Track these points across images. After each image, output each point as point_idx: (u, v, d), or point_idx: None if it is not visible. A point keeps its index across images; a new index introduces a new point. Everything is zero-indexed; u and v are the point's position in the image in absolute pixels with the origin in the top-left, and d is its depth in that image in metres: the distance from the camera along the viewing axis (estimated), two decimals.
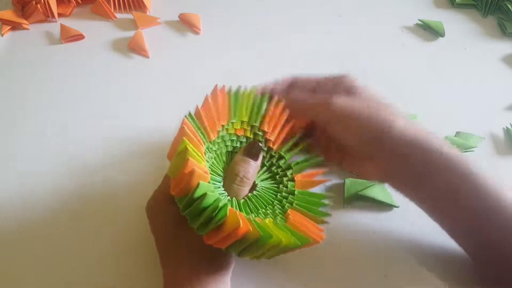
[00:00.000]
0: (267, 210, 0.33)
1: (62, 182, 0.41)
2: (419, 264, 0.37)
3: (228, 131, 0.34)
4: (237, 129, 0.35)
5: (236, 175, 0.32)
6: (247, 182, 0.33)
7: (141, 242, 0.37)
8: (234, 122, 0.34)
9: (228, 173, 0.33)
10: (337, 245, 0.38)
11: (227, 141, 0.34)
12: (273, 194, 0.35)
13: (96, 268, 0.36)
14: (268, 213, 0.32)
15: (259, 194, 0.34)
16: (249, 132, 0.35)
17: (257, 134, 0.35)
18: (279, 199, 0.34)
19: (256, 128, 0.35)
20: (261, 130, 0.35)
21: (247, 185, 0.33)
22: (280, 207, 0.34)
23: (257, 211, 0.33)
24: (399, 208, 0.40)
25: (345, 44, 0.55)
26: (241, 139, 0.35)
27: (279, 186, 0.35)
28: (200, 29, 0.55)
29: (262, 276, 0.36)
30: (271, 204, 0.34)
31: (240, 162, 0.33)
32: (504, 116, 0.48)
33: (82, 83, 0.49)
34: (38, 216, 0.39)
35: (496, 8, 0.60)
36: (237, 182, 0.32)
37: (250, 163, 0.33)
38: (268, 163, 0.36)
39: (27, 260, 0.36)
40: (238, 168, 0.33)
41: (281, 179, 0.36)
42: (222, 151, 0.34)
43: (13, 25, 0.55)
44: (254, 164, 0.33)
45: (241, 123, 0.35)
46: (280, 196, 0.35)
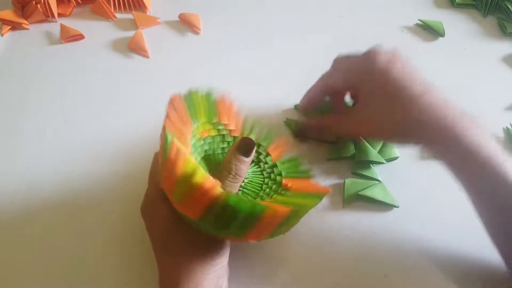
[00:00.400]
0: (265, 190, 0.34)
1: (62, 181, 0.41)
2: (419, 264, 0.37)
3: (195, 137, 0.34)
4: (201, 132, 0.34)
5: (228, 173, 0.32)
6: (239, 179, 0.33)
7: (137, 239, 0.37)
8: (198, 125, 0.34)
9: (220, 171, 0.33)
10: (337, 245, 0.38)
11: (198, 148, 0.34)
12: (259, 174, 0.35)
13: (93, 264, 0.36)
14: (269, 193, 0.33)
15: (249, 180, 0.35)
16: (213, 131, 0.35)
17: (220, 130, 0.35)
18: (267, 176, 0.35)
19: (217, 124, 0.35)
20: (221, 124, 0.35)
21: (239, 182, 0.33)
22: (273, 182, 0.34)
23: (257, 194, 0.33)
24: (399, 208, 0.40)
25: (345, 44, 0.55)
26: (207, 140, 0.35)
27: (260, 164, 0.36)
28: (200, 29, 0.55)
29: (262, 276, 0.36)
30: (265, 183, 0.34)
31: (232, 160, 0.33)
32: (504, 116, 0.48)
33: (82, 83, 0.49)
34: (37, 214, 0.39)
35: (496, 8, 0.60)
36: (230, 179, 0.32)
37: (242, 160, 0.33)
38: None
39: (26, 256, 0.37)
40: (230, 166, 0.32)
41: (258, 158, 0.37)
42: (197, 159, 0.34)
43: (13, 25, 0.55)
44: (246, 160, 0.33)
45: (202, 124, 0.34)
46: (266, 173, 0.35)
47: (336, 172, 0.42)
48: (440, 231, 0.38)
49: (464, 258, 0.37)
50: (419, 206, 0.40)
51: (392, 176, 0.42)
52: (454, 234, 0.38)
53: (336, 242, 0.38)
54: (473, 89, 0.51)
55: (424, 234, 0.39)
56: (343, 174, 0.42)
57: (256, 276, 0.36)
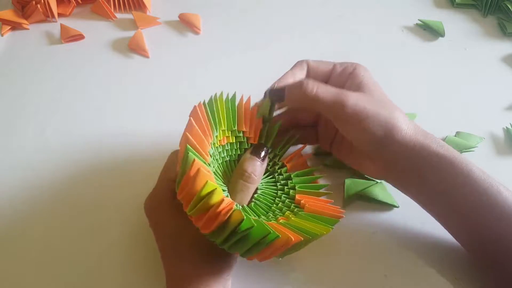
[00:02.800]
0: (278, 204, 0.34)
1: (62, 181, 0.41)
2: (419, 264, 0.37)
3: (214, 145, 0.34)
4: (220, 140, 0.34)
5: (244, 170, 0.33)
6: (254, 179, 0.33)
7: (141, 239, 0.37)
8: (217, 135, 0.34)
9: (235, 173, 0.34)
10: (337, 245, 0.38)
11: (216, 156, 0.34)
12: (273, 185, 0.35)
13: (95, 265, 0.36)
14: (282, 208, 0.33)
15: (262, 191, 0.35)
16: (231, 138, 0.35)
17: (238, 137, 0.35)
18: (280, 188, 0.35)
19: (236, 132, 0.35)
20: (240, 132, 0.35)
21: (254, 183, 0.33)
22: (285, 195, 0.34)
23: (270, 208, 0.33)
24: (399, 208, 0.40)
25: (345, 44, 0.55)
26: (226, 147, 0.35)
27: (274, 176, 0.36)
28: (200, 29, 0.55)
29: (262, 277, 0.36)
30: (277, 196, 0.34)
31: (248, 160, 0.33)
32: (504, 116, 0.48)
33: (82, 83, 0.49)
34: (37, 214, 0.39)
35: (496, 8, 0.60)
36: (245, 178, 0.33)
37: (257, 162, 0.33)
38: None
39: (26, 257, 0.36)
40: (246, 165, 0.33)
41: (273, 169, 0.36)
42: (216, 166, 0.34)
43: (13, 25, 0.55)
44: (261, 165, 0.34)
45: (221, 132, 0.34)
46: (280, 185, 0.35)
47: (336, 172, 0.42)
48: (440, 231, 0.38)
49: (464, 258, 0.37)
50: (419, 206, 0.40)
51: None
52: None
53: (336, 242, 0.38)
54: (473, 89, 0.51)
55: (424, 234, 0.39)
56: (343, 174, 0.42)
57: (255, 276, 0.36)
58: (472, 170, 0.32)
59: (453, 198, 0.33)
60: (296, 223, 0.30)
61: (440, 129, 0.46)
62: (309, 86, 0.33)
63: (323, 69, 0.37)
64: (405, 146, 0.33)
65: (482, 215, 0.32)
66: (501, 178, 0.32)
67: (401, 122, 0.33)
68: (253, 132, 0.36)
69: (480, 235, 0.33)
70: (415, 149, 0.33)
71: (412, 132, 0.33)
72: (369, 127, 0.32)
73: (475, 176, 0.32)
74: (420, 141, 0.33)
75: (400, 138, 0.33)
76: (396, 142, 0.33)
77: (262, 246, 0.28)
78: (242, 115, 0.36)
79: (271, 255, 0.29)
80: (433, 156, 0.33)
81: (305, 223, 0.30)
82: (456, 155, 0.33)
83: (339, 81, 0.36)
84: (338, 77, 0.36)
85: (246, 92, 0.38)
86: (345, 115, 0.33)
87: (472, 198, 0.32)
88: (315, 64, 0.37)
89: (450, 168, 0.32)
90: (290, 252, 0.30)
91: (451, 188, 0.33)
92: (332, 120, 0.34)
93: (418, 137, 0.33)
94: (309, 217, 0.31)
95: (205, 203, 0.27)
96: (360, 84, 0.35)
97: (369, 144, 0.34)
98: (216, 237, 0.28)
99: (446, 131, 0.46)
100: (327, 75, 0.37)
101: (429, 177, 0.33)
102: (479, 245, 0.34)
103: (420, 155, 0.33)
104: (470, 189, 0.32)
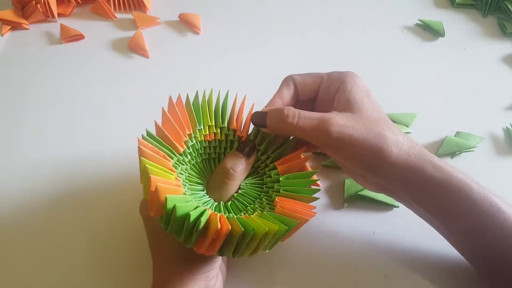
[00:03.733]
0: (255, 204, 0.32)
1: (62, 181, 0.41)
2: (419, 264, 0.37)
3: (197, 139, 0.33)
4: (206, 135, 0.34)
5: (223, 166, 0.32)
6: (233, 175, 0.32)
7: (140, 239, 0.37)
8: (201, 128, 0.33)
9: (216, 168, 0.33)
10: (337, 245, 0.38)
11: (200, 149, 0.34)
12: (258, 187, 0.34)
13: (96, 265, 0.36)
14: (256, 208, 0.32)
15: (244, 191, 0.34)
16: (220, 135, 0.35)
17: (228, 135, 0.35)
18: (265, 191, 0.34)
19: (225, 129, 0.35)
20: (231, 130, 0.35)
21: (234, 179, 0.32)
22: (267, 197, 0.33)
23: (245, 208, 0.32)
24: (399, 208, 0.40)
25: (345, 44, 0.55)
26: (213, 144, 0.35)
27: (263, 178, 0.35)
28: (200, 29, 0.55)
29: (261, 276, 0.36)
30: (258, 198, 0.33)
31: (230, 156, 0.33)
32: (504, 116, 0.48)
33: (82, 83, 0.49)
34: (37, 214, 0.39)
35: (496, 8, 0.60)
36: (224, 174, 0.32)
37: (240, 158, 0.33)
38: None
39: (26, 257, 0.37)
40: (226, 160, 0.32)
41: (263, 171, 0.35)
42: (197, 160, 0.34)
43: (13, 25, 0.55)
44: (245, 161, 0.33)
45: (208, 128, 0.34)
46: (266, 187, 0.34)
47: (336, 172, 0.42)
48: None
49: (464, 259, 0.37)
50: None
51: None
52: None
53: (336, 242, 0.38)
54: (473, 89, 0.51)
55: (424, 234, 0.39)
56: (343, 174, 0.42)
57: (255, 276, 0.36)
58: (471, 189, 0.31)
59: (452, 220, 0.32)
60: (249, 219, 0.29)
61: (440, 129, 0.46)
62: (289, 115, 0.31)
63: (310, 84, 0.35)
64: (398, 168, 0.31)
65: (483, 237, 0.31)
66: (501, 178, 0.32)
67: (391, 145, 0.31)
68: (246, 131, 0.35)
69: (483, 254, 0.32)
70: (408, 171, 0.31)
71: (404, 153, 0.31)
72: (356, 153, 0.31)
73: (474, 197, 0.30)
74: (413, 164, 0.31)
75: (390, 162, 0.31)
76: (387, 166, 0.31)
77: (194, 231, 0.27)
78: (234, 114, 0.35)
79: (214, 246, 0.28)
80: (427, 181, 0.31)
81: (257, 219, 0.29)
82: (454, 175, 0.31)
83: (327, 97, 0.35)
84: (326, 92, 0.35)
85: (246, 92, 0.38)
86: (330, 143, 0.31)
87: (473, 221, 0.31)
88: (302, 79, 0.35)
89: (446, 191, 0.31)
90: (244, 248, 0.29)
91: (449, 211, 0.31)
92: (318, 145, 0.33)
93: (411, 160, 0.31)
94: (269, 216, 0.30)
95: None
96: (347, 101, 0.33)
97: (358, 168, 0.33)
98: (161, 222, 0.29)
99: (446, 131, 0.46)
100: (315, 90, 0.35)
101: (425, 200, 0.32)
102: (484, 264, 0.33)
103: (413, 179, 0.31)
104: (470, 211, 0.31)
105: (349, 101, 0.33)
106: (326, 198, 0.41)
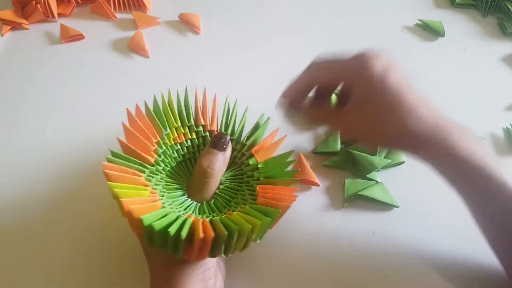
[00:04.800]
0: (238, 198, 0.32)
1: (62, 181, 0.41)
2: (419, 263, 0.37)
3: (167, 144, 0.33)
4: (175, 138, 0.33)
5: (200, 166, 0.31)
6: (211, 173, 0.31)
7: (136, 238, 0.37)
8: (168, 133, 0.33)
9: (194, 170, 0.32)
10: (337, 245, 0.38)
11: (173, 153, 0.33)
12: (238, 179, 0.34)
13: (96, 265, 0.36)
14: (239, 201, 0.31)
15: (225, 185, 0.33)
16: (189, 134, 0.34)
17: (198, 132, 0.34)
18: (246, 181, 0.33)
19: (194, 127, 0.34)
20: (200, 126, 0.34)
21: (213, 177, 0.31)
22: (248, 188, 0.33)
23: (228, 203, 0.32)
24: (399, 208, 0.40)
25: (345, 44, 0.55)
26: (184, 144, 0.34)
27: (242, 167, 0.34)
28: (200, 29, 0.55)
29: (261, 276, 0.36)
30: (240, 190, 0.33)
31: (205, 154, 0.32)
32: (504, 116, 0.48)
33: (82, 83, 0.49)
34: (37, 214, 0.39)
35: (496, 8, 0.60)
36: (202, 174, 0.31)
37: (215, 154, 0.32)
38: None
39: (26, 257, 0.37)
40: (201, 159, 0.31)
41: (240, 160, 0.35)
42: (172, 165, 0.33)
43: (13, 25, 0.55)
44: (221, 156, 0.32)
45: (175, 130, 0.33)
46: (246, 177, 0.33)
47: (336, 172, 0.42)
48: (440, 231, 0.38)
49: (464, 258, 0.37)
50: (419, 206, 0.40)
51: (392, 176, 0.42)
52: (454, 234, 0.38)
53: (336, 242, 0.38)
54: (473, 89, 0.51)
55: (424, 234, 0.39)
56: (343, 174, 0.42)
57: (255, 276, 0.36)
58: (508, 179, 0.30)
59: (486, 207, 0.32)
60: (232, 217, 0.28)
61: None
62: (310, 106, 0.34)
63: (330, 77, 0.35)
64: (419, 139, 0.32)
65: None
66: None
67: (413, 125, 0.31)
68: (215, 124, 0.34)
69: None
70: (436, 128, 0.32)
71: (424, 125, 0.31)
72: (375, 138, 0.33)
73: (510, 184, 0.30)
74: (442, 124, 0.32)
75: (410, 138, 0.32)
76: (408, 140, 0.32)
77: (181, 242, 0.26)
78: (198, 110, 0.34)
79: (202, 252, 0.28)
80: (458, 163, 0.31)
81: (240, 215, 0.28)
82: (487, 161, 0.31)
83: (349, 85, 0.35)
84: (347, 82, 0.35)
85: (246, 91, 0.38)
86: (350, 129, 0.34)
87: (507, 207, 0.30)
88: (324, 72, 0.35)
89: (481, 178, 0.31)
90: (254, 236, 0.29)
91: (483, 197, 0.31)
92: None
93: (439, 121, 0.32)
94: (252, 209, 0.29)
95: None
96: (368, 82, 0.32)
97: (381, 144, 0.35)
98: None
99: None
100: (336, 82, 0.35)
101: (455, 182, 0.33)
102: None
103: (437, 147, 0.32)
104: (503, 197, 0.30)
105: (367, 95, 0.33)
106: (326, 198, 0.41)
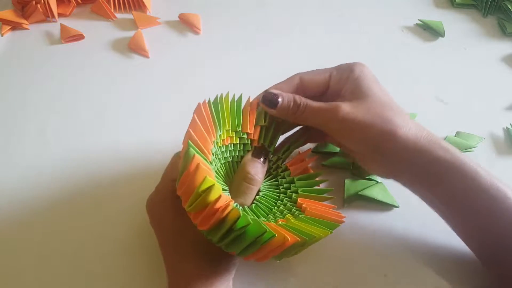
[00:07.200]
0: (279, 206, 0.33)
1: (62, 181, 0.41)
2: (419, 264, 0.37)
3: (217, 144, 0.34)
4: (224, 140, 0.34)
5: (247, 172, 0.33)
6: (256, 180, 0.33)
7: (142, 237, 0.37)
8: (220, 134, 0.33)
9: (237, 175, 0.34)
10: (337, 245, 0.38)
11: (219, 155, 0.34)
12: (275, 188, 0.35)
13: (96, 265, 0.36)
14: (282, 210, 0.33)
15: (264, 193, 0.34)
16: (235, 139, 0.35)
17: (242, 138, 0.35)
18: (283, 192, 0.35)
19: (240, 133, 0.35)
20: (244, 133, 0.35)
21: (256, 185, 0.33)
22: (288, 198, 0.34)
23: (270, 210, 0.33)
24: (399, 208, 0.40)
25: (345, 44, 0.55)
26: (229, 147, 0.35)
27: (277, 179, 0.36)
28: (200, 29, 0.55)
29: (261, 276, 0.36)
30: (278, 199, 0.34)
31: (249, 162, 0.33)
32: (504, 116, 0.48)
33: (82, 83, 0.49)
34: (38, 215, 0.39)
35: (496, 8, 0.60)
36: (247, 180, 0.32)
37: (258, 164, 0.33)
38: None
39: (26, 258, 0.36)
40: (248, 167, 0.33)
41: (275, 172, 0.36)
42: (217, 166, 0.34)
43: (13, 25, 0.55)
44: (262, 167, 0.34)
45: (225, 132, 0.34)
46: (282, 188, 0.35)
47: (336, 172, 0.42)
48: (440, 231, 0.38)
49: (464, 258, 0.37)
50: (419, 206, 0.40)
51: None
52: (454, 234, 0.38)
53: (336, 242, 0.38)
54: (473, 89, 0.51)
55: (424, 234, 0.39)
56: (343, 174, 0.42)
57: (255, 276, 0.36)
58: (478, 173, 0.31)
59: (459, 204, 0.32)
60: (295, 225, 0.30)
61: (440, 129, 0.46)
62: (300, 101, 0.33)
63: (318, 80, 0.36)
64: (406, 149, 0.32)
65: (490, 222, 0.32)
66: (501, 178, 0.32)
67: (399, 127, 0.32)
68: (257, 134, 0.36)
69: (486, 240, 0.33)
70: (417, 153, 0.32)
71: (412, 136, 0.32)
72: (364, 136, 0.32)
73: (481, 181, 0.31)
74: (421, 145, 0.32)
75: (399, 144, 0.32)
76: (395, 148, 0.32)
77: (258, 245, 0.28)
78: (247, 117, 0.35)
79: (267, 256, 0.29)
80: (435, 162, 0.31)
81: (304, 225, 0.30)
82: (461, 158, 0.32)
83: (338, 88, 0.35)
84: (337, 84, 0.35)
85: (246, 91, 0.37)
86: (339, 127, 0.32)
87: (478, 203, 0.31)
88: (309, 76, 0.36)
89: (453, 173, 0.31)
90: (288, 254, 0.30)
91: (456, 194, 0.32)
92: (326, 131, 0.34)
93: (419, 141, 0.32)
94: (309, 220, 0.31)
95: (203, 199, 0.27)
96: (355, 88, 0.34)
97: (367, 151, 0.33)
98: (213, 234, 0.28)
99: (446, 131, 0.46)
100: (324, 85, 0.36)
101: (432, 183, 0.33)
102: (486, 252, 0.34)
103: (421, 160, 0.32)
104: (476, 194, 0.31)
105: (357, 88, 0.34)
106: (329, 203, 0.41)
